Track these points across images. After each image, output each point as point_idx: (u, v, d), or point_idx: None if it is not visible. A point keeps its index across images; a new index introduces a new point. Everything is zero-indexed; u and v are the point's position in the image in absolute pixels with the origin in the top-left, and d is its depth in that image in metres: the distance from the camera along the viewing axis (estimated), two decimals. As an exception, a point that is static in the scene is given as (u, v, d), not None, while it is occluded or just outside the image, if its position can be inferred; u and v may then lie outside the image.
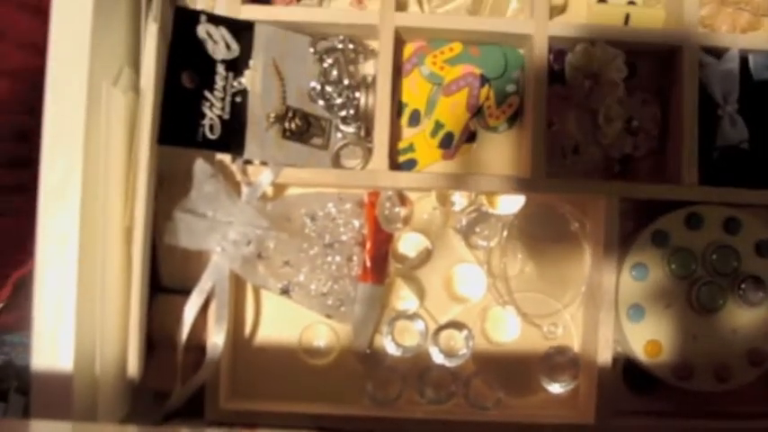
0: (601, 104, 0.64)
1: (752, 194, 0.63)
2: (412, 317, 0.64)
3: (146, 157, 0.59)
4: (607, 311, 0.62)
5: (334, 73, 0.65)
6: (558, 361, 0.65)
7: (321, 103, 0.65)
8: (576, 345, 0.66)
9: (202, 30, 0.61)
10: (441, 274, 0.66)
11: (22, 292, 0.67)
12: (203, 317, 0.62)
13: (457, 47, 0.65)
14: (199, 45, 0.61)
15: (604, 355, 0.62)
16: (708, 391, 0.63)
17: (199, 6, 0.64)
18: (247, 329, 0.66)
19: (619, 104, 0.64)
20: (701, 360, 0.62)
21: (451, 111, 0.64)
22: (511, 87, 0.66)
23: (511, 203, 0.64)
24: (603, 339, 0.62)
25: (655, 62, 0.66)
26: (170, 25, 0.60)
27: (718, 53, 0.64)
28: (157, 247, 0.64)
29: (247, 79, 0.63)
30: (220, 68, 0.62)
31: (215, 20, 0.62)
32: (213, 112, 0.61)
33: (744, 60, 0.64)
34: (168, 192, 0.63)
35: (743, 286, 0.62)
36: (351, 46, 0.65)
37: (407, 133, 0.67)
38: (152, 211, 0.61)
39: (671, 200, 0.63)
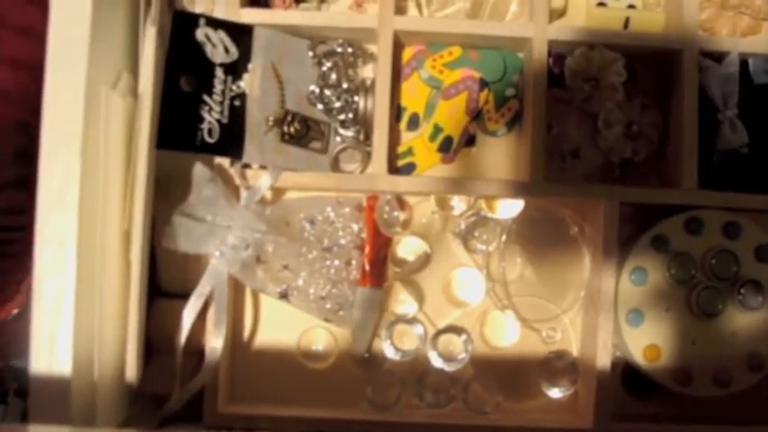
0: (600, 108, 0.64)
1: (752, 199, 0.63)
2: (411, 321, 0.64)
3: (144, 162, 0.59)
4: (606, 316, 0.62)
5: (333, 77, 0.65)
6: (556, 365, 0.65)
7: (320, 106, 0.65)
8: (575, 349, 0.66)
9: (201, 33, 0.61)
10: (439, 278, 0.66)
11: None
12: (202, 321, 0.62)
13: (456, 51, 0.65)
14: (197, 49, 0.61)
15: (603, 360, 0.62)
16: (707, 396, 0.63)
17: (197, 10, 0.64)
18: (246, 333, 0.66)
19: (618, 109, 0.64)
20: (701, 365, 0.62)
21: (450, 114, 0.64)
22: (510, 91, 0.66)
23: (510, 208, 0.64)
24: (602, 344, 0.62)
25: (654, 66, 0.66)
26: (168, 29, 0.60)
27: (718, 57, 0.64)
28: (156, 251, 0.64)
29: (246, 83, 0.63)
30: (219, 72, 0.62)
31: (214, 23, 0.62)
32: (212, 115, 0.61)
33: (744, 64, 0.64)
34: (167, 196, 0.63)
35: (742, 291, 0.62)
36: (350, 50, 0.65)
37: (406, 137, 0.67)
38: (150, 216, 0.61)
39: (670, 204, 0.63)
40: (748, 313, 0.62)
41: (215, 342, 0.61)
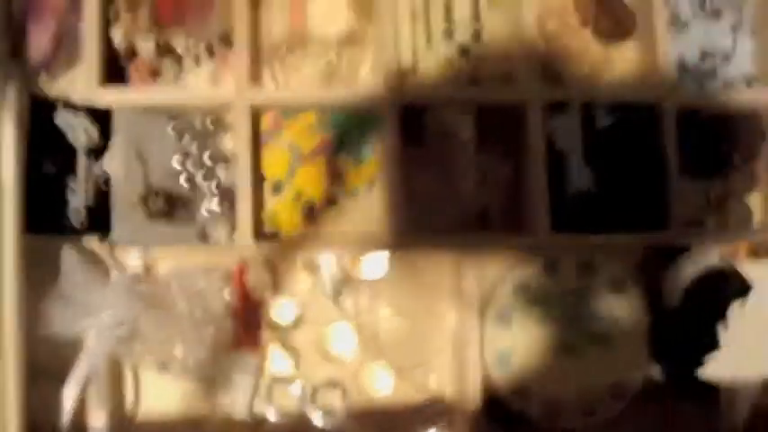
0: (455, 163, 0.66)
1: (602, 239, 0.66)
2: (288, 380, 0.66)
3: (11, 247, 0.60)
4: (475, 359, 0.65)
5: (194, 150, 0.66)
6: (430, 410, 0.67)
7: (184, 180, 0.66)
8: (447, 393, 0.68)
9: (60, 118, 0.62)
10: (313, 336, 0.68)
11: None
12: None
13: (312, 116, 0.67)
14: (58, 133, 0.62)
15: (475, 401, 0.65)
16: (576, 427, 0.66)
17: (58, 88, 0.64)
18: (129, 407, 0.67)
19: (472, 162, 0.66)
20: (568, 398, 0.66)
21: (311, 178, 0.66)
22: (367, 151, 0.68)
23: (375, 262, 0.66)
24: (473, 386, 0.65)
25: (503, 118, 0.68)
26: (27, 114, 0.61)
27: (562, 105, 0.67)
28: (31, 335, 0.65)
29: (109, 163, 0.64)
30: (81, 155, 0.63)
31: (73, 107, 0.63)
32: (77, 198, 0.63)
33: (587, 110, 0.67)
34: (38, 280, 0.64)
35: (602, 325, 0.66)
36: (209, 123, 0.66)
37: (271, 203, 0.68)
38: (24, 301, 0.62)
39: (528, 248, 0.66)
40: (608, 346, 0.66)
41: (96, 422, 0.62)
